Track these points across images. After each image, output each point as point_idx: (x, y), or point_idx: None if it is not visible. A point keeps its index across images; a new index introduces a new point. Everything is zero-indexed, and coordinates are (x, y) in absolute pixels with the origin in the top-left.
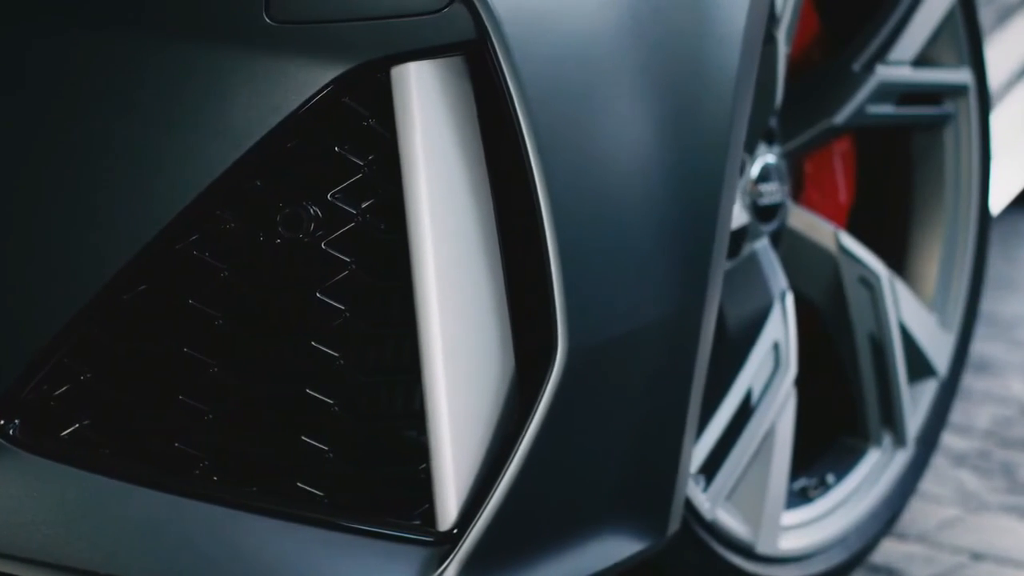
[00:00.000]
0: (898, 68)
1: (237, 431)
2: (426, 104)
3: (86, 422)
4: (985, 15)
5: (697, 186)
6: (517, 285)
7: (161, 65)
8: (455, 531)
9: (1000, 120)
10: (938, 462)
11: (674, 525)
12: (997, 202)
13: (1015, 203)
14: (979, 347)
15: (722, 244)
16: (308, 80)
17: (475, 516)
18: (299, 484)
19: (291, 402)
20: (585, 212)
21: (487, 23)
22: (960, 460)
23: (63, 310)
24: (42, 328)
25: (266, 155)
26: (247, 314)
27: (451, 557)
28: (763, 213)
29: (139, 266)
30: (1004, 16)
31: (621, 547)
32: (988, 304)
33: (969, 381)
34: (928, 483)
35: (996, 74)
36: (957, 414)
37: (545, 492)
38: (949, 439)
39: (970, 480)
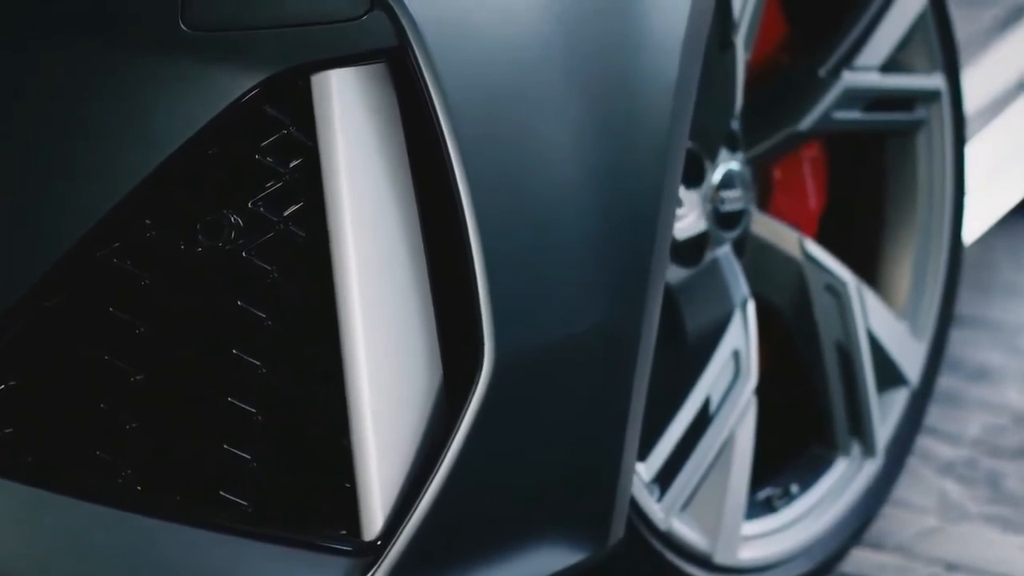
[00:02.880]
0: (865, 74)
1: (160, 441)
2: (347, 111)
3: (8, 430)
4: (988, 17)
5: (633, 194)
6: (444, 294)
7: (79, 74)
8: (379, 542)
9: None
10: (923, 471)
11: (616, 535)
12: (1002, 204)
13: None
14: (978, 354)
15: (662, 252)
16: (226, 88)
17: (400, 526)
18: (222, 494)
19: (215, 411)
20: (512, 220)
21: (407, 30)
22: (946, 469)
23: None
24: None
25: (186, 163)
26: (169, 323)
27: (375, 568)
28: (725, 220)
29: (60, 274)
30: (1015, 17)
31: (558, 557)
32: (992, 311)
33: (964, 389)
34: (911, 492)
35: (1002, 80)
36: (948, 422)
37: (474, 502)
38: (937, 447)
39: (954, 489)
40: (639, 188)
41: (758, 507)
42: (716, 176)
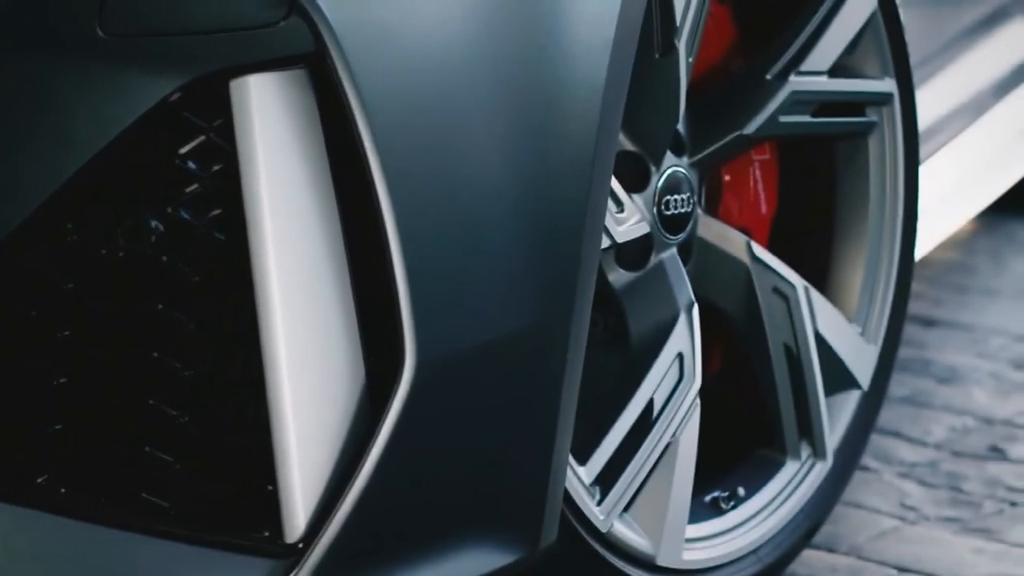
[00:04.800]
0: (813, 78)
1: (84, 443)
2: (266, 116)
3: None
4: (975, 14)
5: (559, 198)
6: (366, 297)
7: None
8: (301, 544)
9: (996, 126)
10: (884, 474)
11: (548, 537)
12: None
13: (1011, 209)
14: (948, 357)
15: (591, 256)
16: (144, 94)
17: (322, 528)
18: (144, 495)
19: (137, 414)
20: (434, 224)
21: (324, 35)
22: (907, 472)
23: None
24: None
25: (106, 168)
26: (92, 326)
27: (297, 569)
28: (670, 224)
29: None
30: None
31: (487, 559)
32: (966, 314)
33: (932, 391)
34: (869, 495)
35: (986, 79)
36: (913, 425)
37: (397, 504)
38: (900, 450)
39: (914, 492)
40: (566, 192)
41: (705, 509)
42: (661, 180)
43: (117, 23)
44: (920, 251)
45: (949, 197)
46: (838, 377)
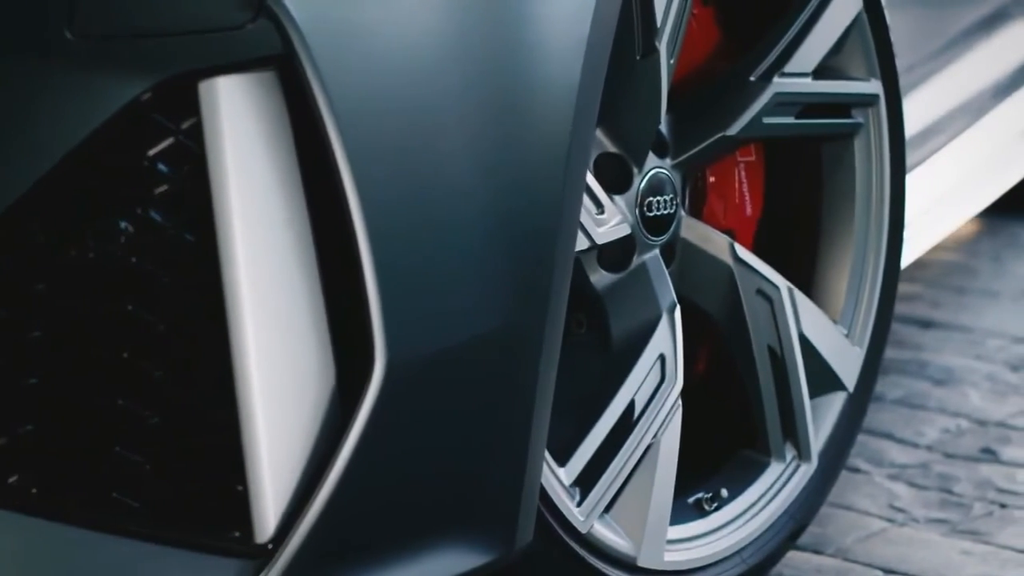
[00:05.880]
0: (797, 79)
1: (54, 443)
2: (235, 118)
3: None
4: (975, 15)
5: (532, 198)
6: (336, 298)
7: None
8: (271, 545)
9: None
10: (874, 475)
11: (524, 538)
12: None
13: (1014, 211)
14: (945, 359)
15: (566, 256)
16: (114, 95)
17: (292, 529)
18: (115, 496)
19: (108, 414)
20: (404, 225)
21: (293, 37)
22: (898, 474)
23: None
24: None
25: (75, 169)
26: (62, 327)
27: (267, 570)
28: (652, 225)
29: None
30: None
31: (461, 560)
32: (964, 316)
33: (927, 393)
34: (859, 496)
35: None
36: (906, 426)
37: (368, 505)
38: (892, 451)
39: (904, 494)
40: (538, 193)
41: (688, 511)
42: (643, 181)
43: (85, 25)
44: (919, 250)
45: (950, 196)
46: (823, 379)
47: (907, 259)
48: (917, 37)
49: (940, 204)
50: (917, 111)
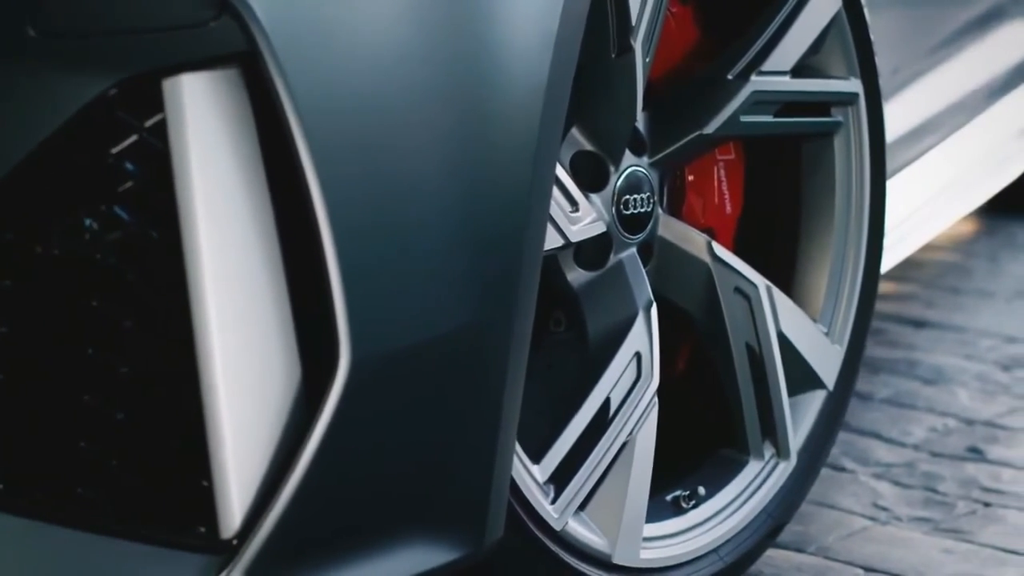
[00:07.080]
0: (775, 77)
1: (19, 439)
2: (199, 115)
3: None
4: (971, 13)
5: (499, 197)
6: (302, 295)
7: None
8: (235, 541)
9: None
10: (859, 474)
11: (494, 535)
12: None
13: (1012, 211)
14: (935, 358)
15: (534, 254)
16: (77, 93)
17: (257, 525)
18: (79, 491)
19: (72, 410)
20: (369, 223)
21: (256, 35)
22: (883, 472)
23: None
24: None
25: (39, 167)
26: (27, 323)
27: (231, 566)
28: (629, 223)
29: None
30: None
31: (428, 556)
32: (957, 316)
33: (916, 392)
34: (843, 495)
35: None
36: (893, 426)
37: (334, 501)
38: (878, 450)
39: (888, 492)
40: (505, 191)
41: (665, 508)
42: (620, 179)
43: (49, 22)
44: (913, 247)
45: (944, 194)
46: (802, 377)
47: (900, 255)
48: (911, 35)
49: (934, 201)
50: (910, 109)
